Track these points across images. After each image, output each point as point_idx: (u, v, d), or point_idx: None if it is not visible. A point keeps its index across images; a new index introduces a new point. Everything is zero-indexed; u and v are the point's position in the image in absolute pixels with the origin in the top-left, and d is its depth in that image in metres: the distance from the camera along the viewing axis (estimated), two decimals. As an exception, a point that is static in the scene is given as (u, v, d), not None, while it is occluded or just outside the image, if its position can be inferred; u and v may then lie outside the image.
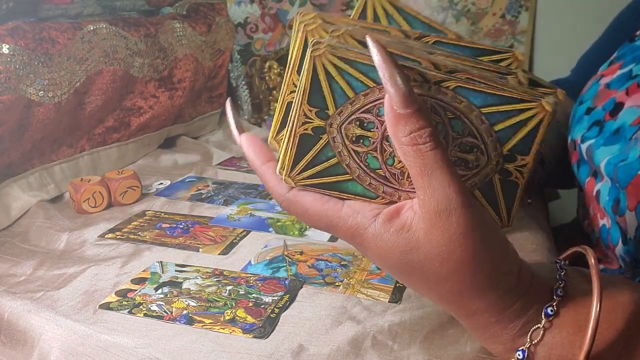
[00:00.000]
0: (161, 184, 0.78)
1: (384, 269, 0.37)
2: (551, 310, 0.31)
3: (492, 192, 0.33)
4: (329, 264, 0.53)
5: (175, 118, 0.97)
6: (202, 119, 1.07)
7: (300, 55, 0.33)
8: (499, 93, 0.30)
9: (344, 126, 0.31)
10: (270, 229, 0.61)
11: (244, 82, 1.19)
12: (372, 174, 0.32)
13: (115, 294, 0.49)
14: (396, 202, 0.32)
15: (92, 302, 0.47)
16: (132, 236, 0.60)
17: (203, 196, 0.73)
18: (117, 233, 0.61)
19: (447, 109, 0.31)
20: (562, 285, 0.32)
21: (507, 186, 0.33)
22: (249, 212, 0.66)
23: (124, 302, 0.47)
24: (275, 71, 1.24)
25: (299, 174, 0.32)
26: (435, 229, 0.29)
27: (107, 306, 0.47)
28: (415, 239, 0.30)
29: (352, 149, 0.32)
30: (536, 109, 0.30)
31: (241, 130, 0.38)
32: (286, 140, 0.32)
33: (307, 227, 0.61)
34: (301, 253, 0.55)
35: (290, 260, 0.54)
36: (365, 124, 0.31)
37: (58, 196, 0.74)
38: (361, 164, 0.32)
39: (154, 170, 0.86)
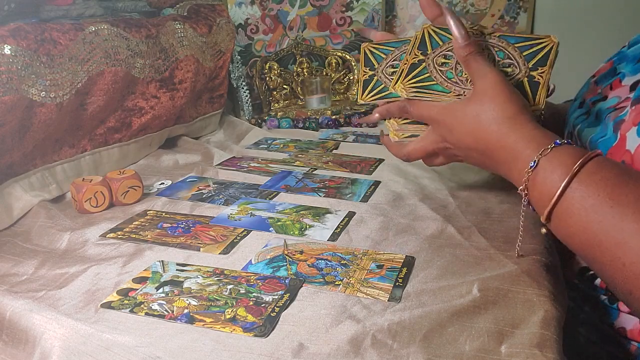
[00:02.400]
0: (162, 183, 0.78)
1: (463, 130, 0.55)
2: (560, 142, 0.47)
3: (523, 88, 0.58)
4: (329, 263, 0.53)
5: (176, 118, 0.98)
6: (203, 119, 1.07)
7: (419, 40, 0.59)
8: (524, 36, 0.58)
9: (434, 58, 0.59)
10: (270, 229, 0.61)
11: (244, 83, 1.19)
12: (448, 81, 0.59)
13: (116, 293, 0.49)
14: (462, 95, 0.58)
15: (94, 301, 0.48)
16: (134, 236, 0.60)
17: (204, 196, 0.73)
18: (119, 232, 0.61)
19: (495, 46, 0.58)
20: (569, 141, 0.48)
21: (532, 85, 0.58)
22: (250, 211, 0.66)
23: (126, 301, 0.47)
24: (276, 72, 1.25)
25: (408, 81, 0.60)
26: (487, 85, 0.53)
27: (108, 305, 0.47)
28: (480, 98, 0.54)
29: (439, 69, 0.59)
30: (547, 40, 0.58)
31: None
32: (402, 65, 0.60)
33: (307, 226, 0.62)
34: (301, 252, 0.55)
35: (290, 259, 0.54)
36: (447, 57, 0.59)
37: (60, 196, 0.74)
38: (443, 76, 0.59)
39: (155, 170, 0.86)
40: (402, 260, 0.53)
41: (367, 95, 0.65)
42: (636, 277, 0.39)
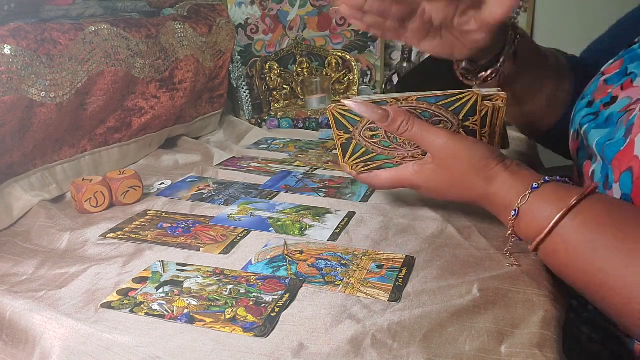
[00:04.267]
0: (162, 183, 0.78)
1: (436, 189, 0.56)
2: (536, 185, 0.48)
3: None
4: (329, 263, 0.53)
5: (176, 118, 0.98)
6: (203, 119, 1.07)
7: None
8: (444, 94, 0.53)
9: (361, 133, 0.58)
10: (270, 229, 0.61)
11: (244, 83, 1.19)
12: (387, 149, 0.58)
13: (116, 293, 0.49)
14: (407, 157, 0.58)
15: (94, 301, 0.48)
16: (134, 236, 0.60)
17: (204, 196, 0.73)
18: (119, 233, 0.61)
19: (417, 108, 0.54)
20: (546, 179, 0.49)
21: (469, 133, 0.56)
22: (250, 211, 0.66)
23: (126, 301, 0.47)
24: (276, 72, 1.25)
25: (349, 160, 0.61)
26: (442, 148, 0.53)
27: (108, 305, 0.47)
28: (443, 162, 0.54)
29: (372, 142, 0.58)
30: (469, 94, 0.53)
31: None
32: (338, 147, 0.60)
33: (307, 226, 0.62)
34: (301, 252, 0.55)
35: (290, 259, 0.54)
36: (372, 129, 0.57)
37: (60, 196, 0.74)
38: (379, 146, 0.58)
39: (155, 170, 0.86)
40: (402, 260, 0.53)
41: (349, 160, 0.61)
42: (629, 316, 0.41)
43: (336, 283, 0.49)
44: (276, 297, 0.47)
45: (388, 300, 0.47)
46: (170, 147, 0.98)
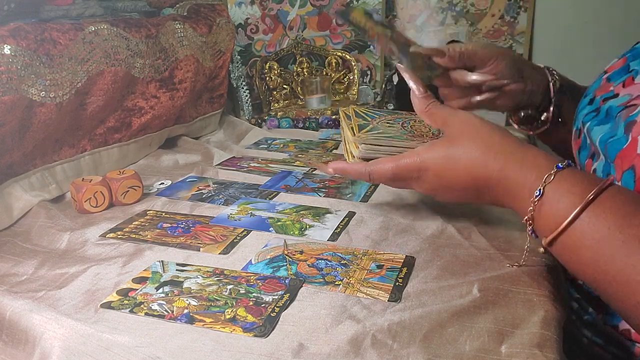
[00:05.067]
0: (162, 183, 0.78)
1: (437, 181, 0.51)
2: (561, 165, 0.44)
3: None
4: (329, 263, 0.53)
5: (176, 118, 0.97)
6: (203, 119, 1.07)
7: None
8: None
9: (379, 123, 0.60)
10: (270, 229, 0.61)
11: (244, 83, 1.19)
12: (404, 136, 0.57)
13: (116, 293, 0.49)
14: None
15: (94, 301, 0.48)
16: (133, 236, 0.60)
17: (204, 196, 0.73)
18: (119, 233, 0.61)
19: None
20: (569, 162, 0.45)
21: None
22: (250, 211, 0.66)
23: (125, 302, 0.47)
24: (276, 72, 1.25)
25: (360, 133, 0.57)
26: (461, 126, 0.51)
27: (108, 305, 0.47)
28: (459, 140, 0.50)
29: (388, 127, 0.59)
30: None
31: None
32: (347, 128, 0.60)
33: (307, 226, 0.62)
34: (301, 252, 0.55)
35: (290, 259, 0.54)
36: (389, 122, 0.61)
37: (60, 196, 0.74)
38: (397, 132, 0.58)
39: (155, 170, 0.86)
40: (402, 260, 0.53)
41: (360, 133, 0.57)
42: None
43: (336, 283, 0.49)
44: (276, 297, 0.47)
45: (388, 301, 0.47)
46: (170, 147, 0.98)
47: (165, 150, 0.95)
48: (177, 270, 0.53)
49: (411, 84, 0.56)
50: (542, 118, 0.69)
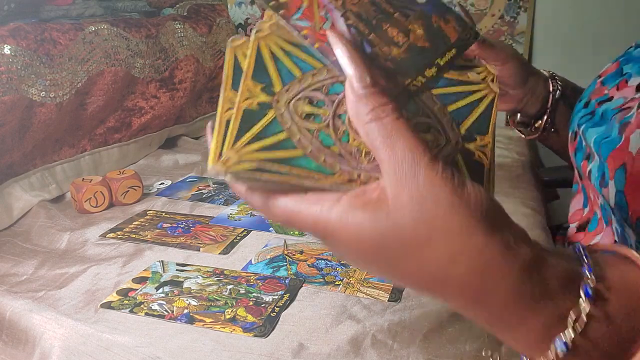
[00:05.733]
0: (162, 183, 0.78)
1: (354, 258, 0.29)
2: (591, 290, 0.25)
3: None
4: (329, 263, 0.53)
5: (176, 118, 0.97)
6: (203, 119, 1.07)
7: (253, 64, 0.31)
8: (448, 76, 0.32)
9: (292, 103, 0.30)
10: (270, 229, 0.61)
11: (244, 83, 1.19)
12: (326, 151, 0.30)
13: (116, 293, 0.49)
14: (356, 180, 0.30)
15: (94, 301, 0.48)
16: (133, 236, 0.60)
17: (204, 196, 0.73)
18: (119, 233, 0.61)
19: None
20: (591, 262, 0.26)
21: (473, 167, 0.32)
22: (250, 211, 0.66)
23: (125, 302, 0.47)
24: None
25: (244, 146, 0.29)
26: (404, 191, 0.26)
27: (108, 305, 0.47)
28: (385, 208, 0.26)
29: (303, 126, 0.30)
30: (485, 90, 0.32)
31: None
32: (230, 118, 0.30)
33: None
34: (301, 252, 0.55)
35: (290, 259, 0.54)
36: (314, 102, 0.30)
37: (59, 196, 0.74)
38: (314, 140, 0.30)
39: (155, 170, 0.86)
40: (402, 260, 0.53)
41: (244, 144, 0.29)
42: None
43: (336, 283, 0.49)
44: (276, 297, 0.47)
45: (388, 301, 0.47)
46: (170, 147, 0.98)
47: (165, 150, 0.95)
48: (177, 270, 0.53)
49: (347, 67, 0.28)
50: (536, 125, 0.69)
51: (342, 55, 0.29)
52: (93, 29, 0.76)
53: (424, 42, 0.31)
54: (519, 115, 0.70)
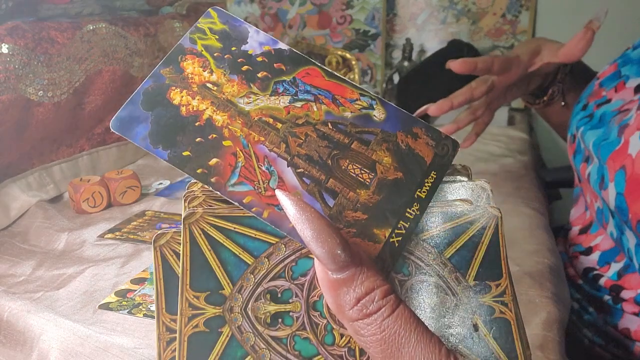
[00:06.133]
0: (161, 184, 0.77)
1: None
2: None
3: (481, 340, 0.23)
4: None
5: (175, 118, 0.97)
6: (202, 118, 1.07)
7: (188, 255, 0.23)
8: (432, 209, 0.24)
9: (249, 306, 0.22)
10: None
11: (244, 82, 1.19)
12: None
13: (114, 294, 0.48)
14: None
15: (92, 302, 0.47)
16: (132, 236, 0.60)
17: (203, 196, 0.72)
18: (117, 233, 0.61)
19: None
20: None
21: (498, 327, 0.23)
22: (249, 212, 0.66)
23: (124, 303, 0.47)
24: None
25: None
26: None
27: (106, 306, 0.46)
28: None
29: (270, 336, 0.22)
30: (483, 219, 0.25)
31: None
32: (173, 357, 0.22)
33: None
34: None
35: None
36: (279, 295, 0.23)
37: (57, 196, 0.74)
38: (289, 355, 0.22)
39: (154, 170, 0.86)
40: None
41: None
42: None
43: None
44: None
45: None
46: (169, 146, 0.97)
47: (164, 149, 0.95)
48: (175, 271, 0.52)
49: (310, 242, 0.21)
50: (545, 98, 0.69)
51: (299, 225, 0.21)
52: (91, 28, 0.75)
53: (395, 172, 0.24)
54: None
